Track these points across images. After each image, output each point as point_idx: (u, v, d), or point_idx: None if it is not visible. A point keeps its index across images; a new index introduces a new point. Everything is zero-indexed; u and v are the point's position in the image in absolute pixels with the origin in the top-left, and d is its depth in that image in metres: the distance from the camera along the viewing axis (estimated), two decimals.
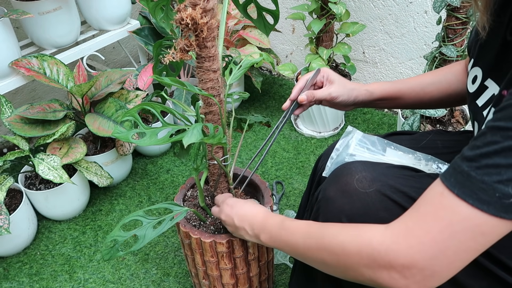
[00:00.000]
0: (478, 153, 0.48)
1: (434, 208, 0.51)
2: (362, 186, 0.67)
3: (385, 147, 0.80)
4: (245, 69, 0.88)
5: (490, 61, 0.63)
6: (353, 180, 0.67)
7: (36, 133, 1.27)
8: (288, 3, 1.89)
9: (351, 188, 0.67)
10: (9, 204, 1.31)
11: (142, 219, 0.82)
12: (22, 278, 1.25)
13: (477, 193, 0.47)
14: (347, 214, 0.67)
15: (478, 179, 0.47)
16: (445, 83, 0.86)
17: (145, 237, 0.79)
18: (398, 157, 0.78)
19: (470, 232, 0.49)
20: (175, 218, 0.83)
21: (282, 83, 2.04)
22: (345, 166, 0.72)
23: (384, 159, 0.78)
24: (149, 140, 0.66)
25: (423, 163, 0.78)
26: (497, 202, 0.46)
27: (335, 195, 0.69)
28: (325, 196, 0.71)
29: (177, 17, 0.66)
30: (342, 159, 0.78)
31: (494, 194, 0.46)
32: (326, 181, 0.74)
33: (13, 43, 1.28)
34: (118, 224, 0.81)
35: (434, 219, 0.50)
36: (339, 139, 0.84)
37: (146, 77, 1.52)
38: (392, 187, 0.65)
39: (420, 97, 0.87)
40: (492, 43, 0.63)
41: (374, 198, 0.65)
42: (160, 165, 1.62)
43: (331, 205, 0.69)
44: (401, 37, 1.63)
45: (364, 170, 0.68)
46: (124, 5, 1.53)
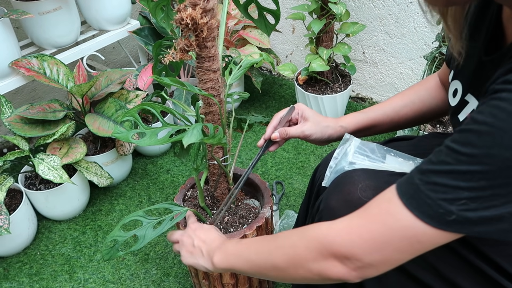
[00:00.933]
0: (431, 169, 0.50)
1: (381, 212, 0.54)
2: (366, 195, 0.66)
3: (385, 154, 0.80)
4: (245, 69, 0.88)
5: (468, 77, 0.64)
6: (356, 189, 0.67)
7: (36, 133, 1.27)
8: (288, 3, 1.89)
9: (355, 198, 0.67)
10: (9, 204, 1.31)
11: (142, 219, 0.82)
12: (22, 278, 1.25)
13: (423, 206, 0.50)
14: None
15: (425, 194, 0.50)
16: (418, 102, 0.86)
17: (145, 237, 0.79)
18: (398, 164, 0.78)
19: (408, 239, 0.52)
20: (175, 218, 0.83)
21: (282, 83, 2.04)
22: (346, 174, 0.71)
23: (385, 166, 0.77)
24: (149, 140, 0.66)
25: None
26: (440, 217, 0.49)
27: (338, 205, 0.68)
28: (327, 206, 0.70)
29: (177, 17, 0.66)
30: (342, 167, 0.78)
31: (438, 209, 0.49)
32: (327, 190, 0.73)
33: (13, 43, 1.28)
34: (118, 224, 0.81)
35: (378, 221, 0.54)
36: (337, 148, 0.82)
37: (146, 77, 1.52)
38: None
39: (395, 121, 0.88)
40: (469, 62, 0.63)
41: None
42: (160, 165, 1.62)
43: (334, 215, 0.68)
44: (401, 37, 1.63)
45: (367, 178, 0.68)
46: (124, 5, 1.53)
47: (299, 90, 1.64)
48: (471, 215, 0.47)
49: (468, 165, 0.46)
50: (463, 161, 0.47)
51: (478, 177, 0.46)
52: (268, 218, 0.94)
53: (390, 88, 1.78)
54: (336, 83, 1.66)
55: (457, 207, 0.48)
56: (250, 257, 0.67)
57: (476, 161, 0.46)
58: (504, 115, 0.44)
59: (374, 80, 1.81)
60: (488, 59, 0.58)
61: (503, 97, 0.45)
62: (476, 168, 0.46)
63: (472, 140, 0.46)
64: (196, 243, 0.78)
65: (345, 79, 1.68)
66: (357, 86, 1.88)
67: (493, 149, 0.44)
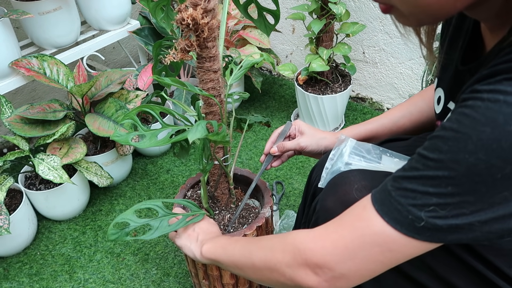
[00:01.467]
0: (402, 175, 0.51)
1: (354, 218, 0.55)
2: (362, 195, 0.65)
3: (381, 154, 0.80)
4: (245, 69, 0.88)
5: (448, 85, 0.65)
6: (352, 189, 0.67)
7: (36, 133, 1.27)
8: (288, 3, 1.89)
9: (351, 198, 0.67)
10: (9, 204, 1.31)
11: (159, 210, 0.79)
12: (22, 278, 1.25)
13: (393, 212, 0.51)
14: None
15: (396, 199, 0.50)
16: (416, 113, 0.87)
17: (158, 229, 0.76)
18: (394, 164, 0.78)
19: (379, 246, 0.52)
20: (191, 219, 0.82)
21: (282, 83, 2.04)
22: (342, 175, 0.72)
23: (381, 167, 0.77)
24: (149, 142, 0.66)
25: None
26: (409, 223, 0.49)
27: (334, 205, 0.69)
28: (323, 207, 0.71)
29: (178, 18, 0.66)
30: (338, 168, 0.78)
31: (407, 215, 0.49)
32: (323, 191, 0.74)
33: (13, 43, 1.28)
34: (133, 207, 0.76)
35: (350, 227, 0.55)
36: (332, 149, 0.83)
37: (146, 77, 1.52)
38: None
39: (393, 132, 0.89)
40: (449, 71, 0.65)
41: None
42: (160, 165, 1.62)
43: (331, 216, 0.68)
44: (401, 37, 1.63)
45: (363, 179, 0.68)
46: (124, 5, 1.53)
47: (299, 90, 1.64)
48: (440, 223, 0.48)
49: (436, 170, 0.47)
50: (431, 166, 0.47)
51: (446, 183, 0.46)
52: (268, 218, 0.94)
53: (390, 88, 1.78)
54: (336, 83, 1.66)
55: (426, 214, 0.48)
56: (233, 253, 0.69)
57: (443, 166, 0.46)
58: (468, 121, 0.45)
59: (374, 80, 1.81)
60: (464, 68, 0.59)
61: (469, 105, 0.45)
62: (443, 173, 0.46)
63: (439, 145, 0.47)
64: (197, 229, 0.80)
65: (345, 79, 1.68)
66: (357, 86, 1.88)
67: (458, 154, 0.45)
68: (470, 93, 0.47)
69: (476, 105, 0.45)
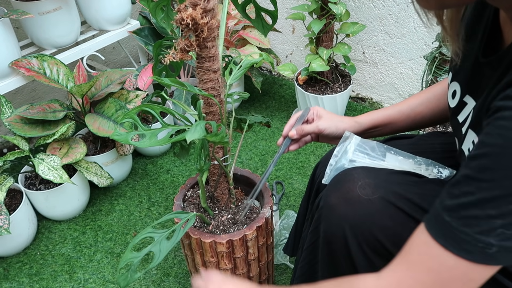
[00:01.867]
0: (456, 203, 0.49)
1: (422, 258, 0.52)
2: (366, 193, 0.66)
3: (385, 152, 0.80)
4: (245, 69, 0.88)
5: (466, 78, 0.63)
6: (355, 186, 0.67)
7: (36, 133, 1.27)
8: (288, 3, 1.89)
9: (354, 195, 0.66)
10: (9, 204, 1.31)
11: (153, 235, 0.79)
12: (22, 278, 1.25)
13: (461, 243, 0.48)
14: (350, 221, 0.66)
15: (460, 230, 0.48)
16: (434, 100, 0.86)
17: (161, 251, 0.76)
18: (398, 162, 0.78)
19: (459, 281, 0.50)
20: (186, 225, 0.82)
21: (282, 83, 2.04)
22: (346, 172, 0.71)
23: (385, 164, 0.77)
24: (149, 142, 0.66)
25: (423, 167, 0.77)
26: (481, 252, 0.47)
27: (338, 202, 0.68)
28: (327, 204, 0.70)
29: (177, 17, 0.66)
30: (342, 165, 0.78)
31: (476, 244, 0.47)
32: (327, 188, 0.73)
33: (13, 43, 1.28)
34: (129, 246, 0.77)
35: (424, 269, 0.51)
36: (337, 145, 0.83)
37: (146, 77, 1.52)
38: (396, 194, 0.65)
39: (411, 119, 0.88)
40: (467, 63, 0.63)
41: (378, 205, 0.64)
42: (160, 165, 1.62)
43: (334, 213, 0.69)
44: (401, 37, 1.63)
45: (367, 176, 0.68)
46: (124, 5, 1.53)
47: (299, 90, 1.64)
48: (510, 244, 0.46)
49: (491, 191, 0.45)
50: (485, 188, 0.45)
51: (506, 201, 0.44)
52: (268, 218, 0.94)
53: (390, 88, 1.78)
54: (336, 83, 1.66)
55: (495, 238, 0.46)
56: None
57: (497, 185, 0.45)
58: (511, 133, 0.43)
59: (374, 80, 1.81)
60: (485, 61, 0.58)
61: (506, 116, 0.44)
62: (500, 192, 0.44)
63: (487, 164, 0.45)
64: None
65: (345, 79, 1.68)
66: (357, 86, 1.88)
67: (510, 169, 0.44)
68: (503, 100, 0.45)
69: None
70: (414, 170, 0.76)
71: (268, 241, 0.98)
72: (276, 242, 1.25)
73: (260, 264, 0.99)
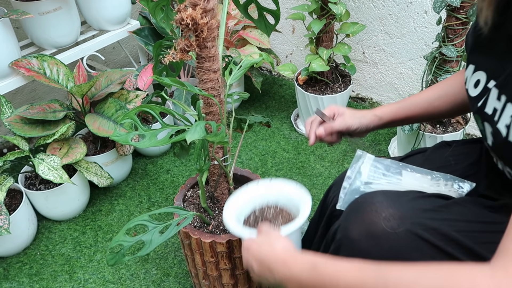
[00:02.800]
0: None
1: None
2: (391, 226, 0.61)
3: (401, 170, 0.76)
4: (245, 69, 0.88)
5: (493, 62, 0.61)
6: (379, 219, 0.62)
7: (36, 133, 1.27)
8: (288, 3, 1.89)
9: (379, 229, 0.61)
10: (9, 204, 1.31)
11: (147, 224, 0.80)
12: (22, 278, 1.25)
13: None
14: (375, 257, 0.61)
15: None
16: (451, 94, 0.84)
17: (151, 243, 0.77)
18: (416, 179, 0.74)
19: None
20: (181, 223, 0.82)
21: (282, 83, 2.04)
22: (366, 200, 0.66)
23: (402, 184, 0.73)
24: (149, 142, 0.66)
25: (442, 183, 0.74)
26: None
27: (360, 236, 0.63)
28: (347, 237, 0.65)
29: (177, 18, 0.66)
30: (357, 188, 0.73)
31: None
32: (345, 217, 0.68)
33: (13, 43, 1.28)
34: (123, 228, 0.78)
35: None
36: (349, 167, 0.78)
37: (146, 77, 1.52)
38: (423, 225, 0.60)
39: (429, 112, 0.86)
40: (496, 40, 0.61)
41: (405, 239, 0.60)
42: (160, 165, 1.62)
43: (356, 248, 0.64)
44: (401, 37, 1.63)
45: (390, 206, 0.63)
46: (124, 5, 1.53)
47: (299, 90, 1.64)
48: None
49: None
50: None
51: None
52: None
53: (390, 88, 1.78)
54: (336, 83, 1.66)
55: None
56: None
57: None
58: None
59: (374, 80, 1.81)
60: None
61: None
62: None
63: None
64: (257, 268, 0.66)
65: (345, 79, 1.68)
66: (357, 86, 1.88)
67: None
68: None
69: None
70: (431, 186, 0.72)
71: None
72: None
73: None
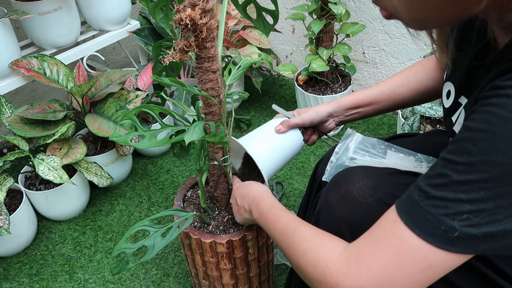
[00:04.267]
0: (429, 183, 0.48)
1: (386, 235, 0.51)
2: (363, 195, 0.66)
3: (386, 149, 0.80)
4: (244, 69, 0.88)
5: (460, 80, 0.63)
6: (353, 188, 0.67)
7: (36, 134, 1.27)
8: (288, 3, 1.89)
9: (352, 197, 0.67)
10: (9, 205, 1.31)
11: (148, 229, 0.80)
12: (22, 278, 1.25)
13: (424, 224, 0.47)
14: (348, 222, 0.67)
15: (426, 210, 0.47)
16: (415, 82, 0.87)
17: (154, 247, 0.77)
18: (399, 159, 0.78)
19: (418, 265, 0.48)
20: (182, 224, 0.82)
21: (282, 83, 2.04)
22: (345, 172, 0.71)
23: (385, 162, 0.77)
24: (149, 143, 0.66)
25: (424, 165, 0.77)
26: (442, 235, 0.46)
27: (336, 203, 0.69)
28: (325, 204, 0.71)
29: (176, 18, 0.66)
30: (342, 162, 0.78)
31: (439, 226, 0.46)
32: (326, 187, 0.74)
33: (13, 43, 1.28)
34: (124, 235, 0.78)
35: (385, 246, 0.50)
36: (338, 142, 0.83)
37: (146, 78, 1.52)
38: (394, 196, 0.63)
39: (392, 99, 0.89)
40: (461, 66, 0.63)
41: (375, 208, 0.64)
42: (160, 165, 1.62)
43: (332, 213, 0.69)
44: (401, 38, 1.63)
45: (366, 177, 0.67)
46: (124, 6, 1.53)
47: (299, 91, 1.64)
48: (474, 231, 0.45)
49: (466, 174, 0.44)
50: (461, 170, 0.45)
51: (478, 187, 0.44)
52: None
53: None
54: (336, 83, 1.66)
55: (459, 223, 0.45)
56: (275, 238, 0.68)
57: (473, 169, 0.44)
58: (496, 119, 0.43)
59: (374, 81, 1.81)
60: (478, 64, 0.58)
61: (493, 102, 0.44)
62: (474, 177, 0.44)
63: (468, 148, 0.45)
64: (239, 201, 0.84)
65: (345, 79, 1.68)
66: (357, 86, 1.88)
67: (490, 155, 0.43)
68: (492, 90, 0.45)
69: (502, 102, 0.43)
70: (415, 167, 0.76)
71: (268, 241, 0.98)
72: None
73: (260, 264, 0.99)
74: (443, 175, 0.47)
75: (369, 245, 0.52)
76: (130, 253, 0.76)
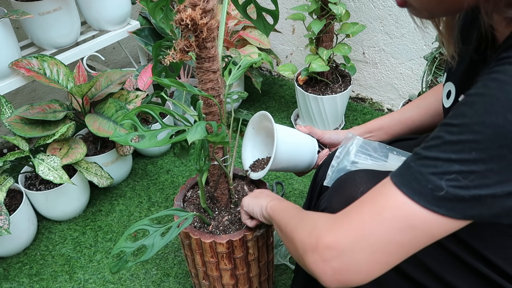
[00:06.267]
0: (423, 146, 0.48)
1: (374, 195, 0.52)
2: None
3: (387, 152, 0.79)
4: (244, 69, 0.88)
5: (461, 78, 0.64)
6: (357, 192, 0.66)
7: (36, 134, 1.27)
8: (288, 3, 1.89)
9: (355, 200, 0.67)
10: (9, 205, 1.31)
11: (148, 228, 0.80)
12: (22, 278, 1.25)
13: (411, 182, 0.47)
14: None
15: (416, 170, 0.47)
16: (424, 106, 0.89)
17: (153, 246, 0.77)
18: (401, 162, 0.77)
19: (399, 223, 0.48)
20: (182, 224, 0.82)
21: (282, 83, 2.04)
22: (348, 176, 0.71)
23: (387, 165, 0.76)
24: (149, 143, 0.66)
25: None
26: (428, 193, 0.46)
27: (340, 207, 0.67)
28: (329, 208, 0.70)
29: (177, 18, 0.66)
30: (344, 167, 0.77)
31: (426, 185, 0.46)
32: (329, 192, 0.73)
33: (13, 43, 1.28)
34: (123, 234, 0.78)
35: (369, 203, 0.51)
36: (339, 147, 0.82)
37: (146, 78, 1.52)
38: None
39: (402, 123, 0.91)
40: (462, 63, 0.64)
41: None
42: (160, 165, 1.62)
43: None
44: (401, 38, 1.63)
45: (369, 181, 0.67)
46: (124, 6, 1.53)
47: (299, 91, 1.64)
48: (462, 193, 0.44)
49: (459, 134, 0.44)
50: (454, 131, 0.45)
51: (470, 147, 0.43)
52: None
53: (390, 89, 1.78)
54: (336, 83, 1.66)
55: (446, 182, 0.45)
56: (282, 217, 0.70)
57: (467, 129, 0.44)
58: (496, 83, 0.43)
59: (374, 81, 1.81)
60: (479, 58, 0.59)
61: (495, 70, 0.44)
62: (467, 137, 0.43)
63: (464, 110, 0.45)
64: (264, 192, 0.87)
65: (345, 79, 1.68)
66: (357, 86, 1.88)
67: (484, 116, 0.42)
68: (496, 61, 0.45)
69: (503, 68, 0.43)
70: None
71: (268, 241, 0.98)
72: (276, 243, 1.25)
73: (260, 264, 0.99)
74: (437, 137, 0.47)
75: (356, 205, 0.54)
76: (130, 252, 0.76)
